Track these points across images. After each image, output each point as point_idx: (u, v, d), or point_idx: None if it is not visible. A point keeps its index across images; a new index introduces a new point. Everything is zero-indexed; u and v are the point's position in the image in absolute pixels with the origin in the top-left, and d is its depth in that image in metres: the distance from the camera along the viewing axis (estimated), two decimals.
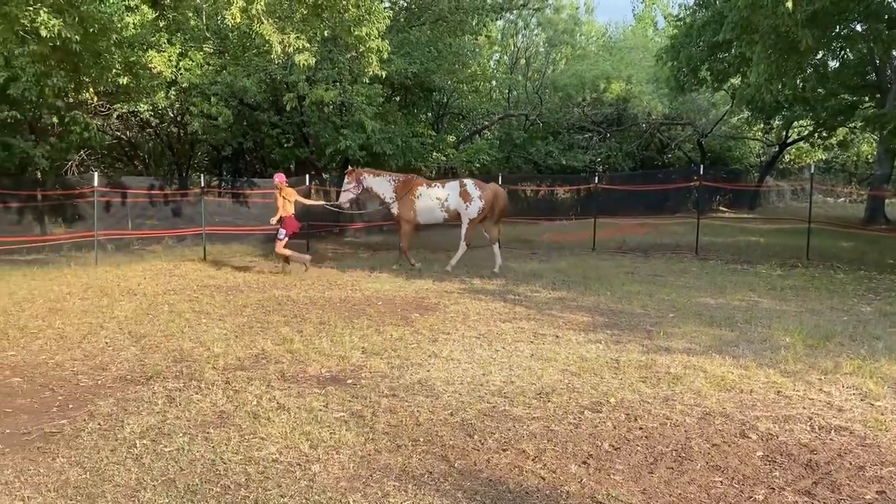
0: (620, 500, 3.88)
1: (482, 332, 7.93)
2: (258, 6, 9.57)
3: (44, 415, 5.27)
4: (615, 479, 4.14)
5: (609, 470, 4.27)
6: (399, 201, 13.32)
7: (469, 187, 13.47)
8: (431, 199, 13.35)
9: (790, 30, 11.09)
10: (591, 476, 4.17)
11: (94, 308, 9.24)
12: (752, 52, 13.00)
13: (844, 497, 3.92)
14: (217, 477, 4.12)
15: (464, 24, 20.99)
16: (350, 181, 13.49)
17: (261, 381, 5.97)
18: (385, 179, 13.58)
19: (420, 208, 13.33)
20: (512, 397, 5.61)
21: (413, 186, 13.43)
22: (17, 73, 15.41)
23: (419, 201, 13.30)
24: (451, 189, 13.44)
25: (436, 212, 13.46)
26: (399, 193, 13.34)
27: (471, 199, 13.39)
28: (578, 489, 4.00)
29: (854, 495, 3.94)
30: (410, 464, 4.34)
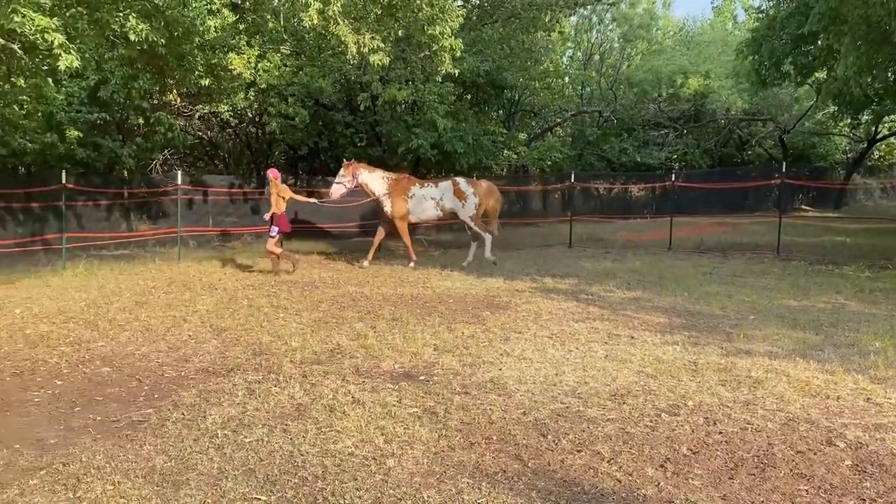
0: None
1: (554, 331, 7.86)
2: (335, 7, 9.72)
3: (131, 404, 5.50)
4: (694, 483, 4.04)
5: (687, 474, 4.16)
6: (392, 199, 13.62)
7: (462, 186, 13.96)
8: (426, 199, 13.79)
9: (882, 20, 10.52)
10: (669, 480, 4.08)
11: (178, 302, 9.59)
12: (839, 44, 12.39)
13: None
14: (295, 468, 4.22)
15: (536, 21, 20.79)
16: (346, 174, 13.53)
17: (336, 376, 6.08)
18: (379, 176, 13.81)
19: (413, 207, 13.76)
20: (586, 398, 5.54)
21: (406, 186, 13.79)
22: (107, 76, 16.18)
23: (412, 200, 13.72)
24: (445, 189, 13.89)
25: (430, 210, 13.91)
26: (392, 192, 13.65)
27: (466, 198, 13.88)
28: (655, 493, 3.91)
29: None
30: (484, 462, 4.34)
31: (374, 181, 13.70)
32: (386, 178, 13.82)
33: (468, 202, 13.87)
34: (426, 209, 13.83)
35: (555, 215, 24.29)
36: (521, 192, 25.58)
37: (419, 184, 14.06)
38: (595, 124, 29.25)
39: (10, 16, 7.19)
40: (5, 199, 14.51)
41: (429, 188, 13.91)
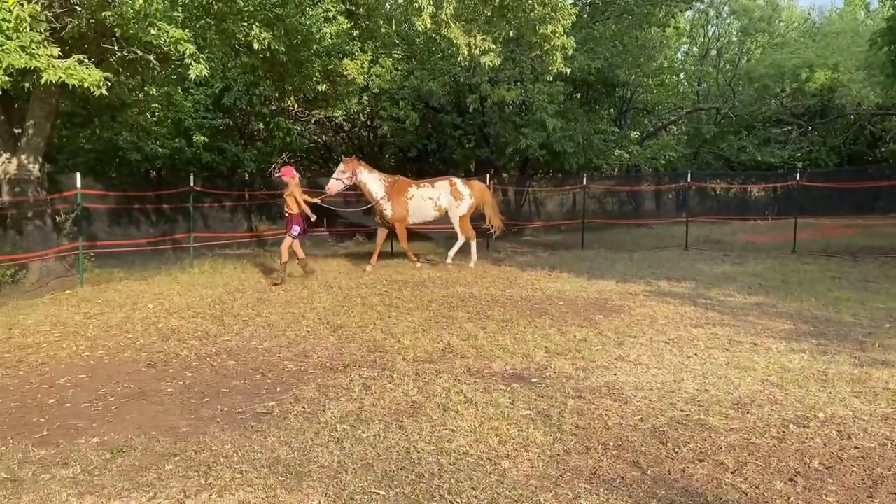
0: None
1: (672, 336, 7.60)
2: (447, 11, 9.82)
3: (255, 396, 5.75)
4: (828, 500, 3.79)
5: (820, 490, 3.91)
6: (392, 202, 13.29)
7: (459, 186, 13.82)
8: (424, 200, 13.50)
9: None
10: (800, 495, 3.85)
11: (296, 299, 9.97)
12: None
13: None
14: (411, 465, 4.28)
15: (650, 17, 20.26)
16: (346, 170, 13.08)
17: (448, 375, 6.13)
18: (377, 178, 13.42)
19: (413, 209, 13.48)
20: (707, 406, 5.31)
21: (403, 187, 13.47)
22: (231, 84, 17.08)
23: (412, 202, 13.44)
24: (443, 189, 13.67)
25: (429, 212, 13.63)
26: (390, 194, 13.28)
27: (462, 198, 13.72)
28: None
29: None
30: (601, 467, 4.25)
31: (373, 182, 13.33)
32: (383, 179, 13.47)
33: (463, 202, 13.72)
34: (425, 210, 13.57)
35: (669, 216, 23.57)
36: (634, 192, 24.96)
37: (415, 185, 13.76)
38: (712, 121, 28.13)
39: (147, 29, 7.71)
40: (139, 201, 15.55)
41: (426, 188, 13.65)
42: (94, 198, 13.29)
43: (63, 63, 7.27)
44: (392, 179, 13.60)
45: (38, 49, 7.07)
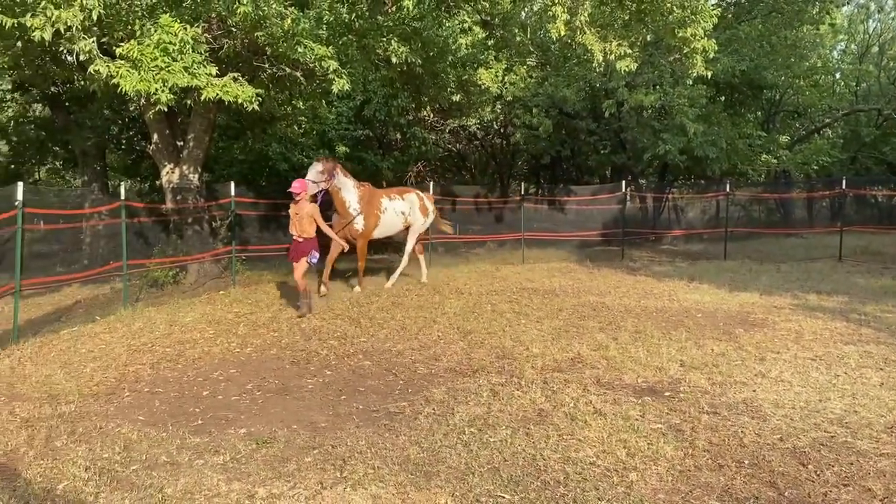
0: None
1: (819, 353, 7.13)
2: (581, 18, 9.75)
3: (388, 396, 5.97)
4: None
5: None
6: (364, 214, 11.42)
7: (426, 201, 12.73)
8: (396, 214, 12.03)
9: None
10: None
11: (428, 304, 10.22)
12: None
13: None
14: (537, 472, 4.30)
15: (802, 14, 19.06)
16: (323, 171, 10.57)
17: (577, 385, 6.08)
18: (353, 185, 11.33)
19: (384, 224, 11.81)
20: (855, 429, 4.96)
21: (376, 199, 11.73)
22: (370, 96, 17.77)
23: (384, 216, 11.77)
24: (413, 202, 12.37)
25: (397, 227, 12.20)
26: (363, 205, 11.39)
27: (427, 214, 12.60)
28: None
29: None
30: (734, 485, 4.08)
31: (348, 189, 11.18)
32: (357, 188, 11.41)
33: (427, 219, 12.61)
34: (394, 226, 12.11)
35: (822, 225, 22.04)
36: (783, 199, 23.55)
37: (386, 195, 12.07)
38: (873, 124, 26.01)
39: (294, 47, 8.23)
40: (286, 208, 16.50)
41: (397, 201, 12.08)
42: (245, 205, 14.26)
43: (220, 81, 7.91)
44: (363, 188, 11.60)
45: (198, 69, 7.74)
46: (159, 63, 7.32)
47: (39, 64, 9.58)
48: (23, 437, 5.00)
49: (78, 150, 14.48)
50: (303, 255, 9.39)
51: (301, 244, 9.39)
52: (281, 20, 7.91)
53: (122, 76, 7.06)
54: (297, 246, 9.47)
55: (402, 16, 11.33)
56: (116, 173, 18.51)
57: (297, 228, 9.38)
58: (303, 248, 9.40)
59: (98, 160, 15.07)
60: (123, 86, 7.04)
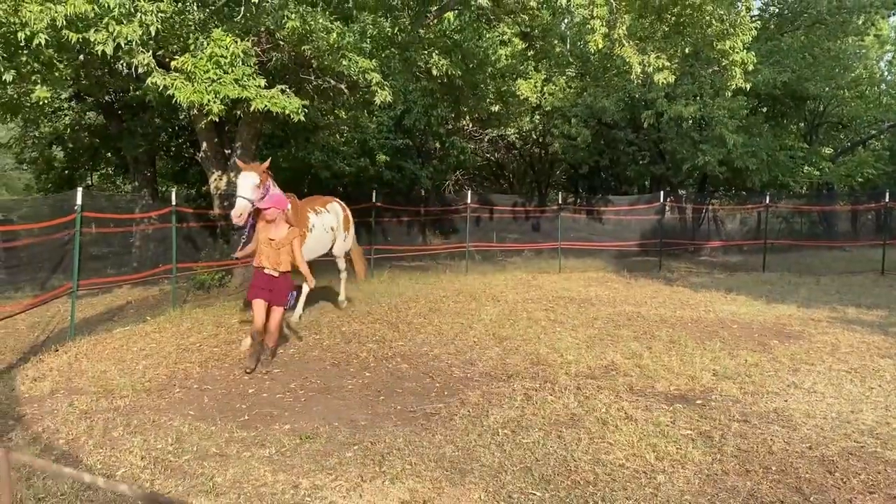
0: None
1: (854, 366, 7.14)
2: (620, 30, 9.89)
3: (425, 398, 6.18)
4: None
5: None
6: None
7: (348, 212, 10.60)
8: (325, 232, 9.79)
9: None
10: None
11: (465, 310, 10.43)
12: None
13: None
14: (568, 472, 4.47)
15: (846, 25, 18.88)
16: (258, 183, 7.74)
17: (610, 391, 6.22)
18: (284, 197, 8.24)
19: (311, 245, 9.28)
20: (886, 439, 5.02)
21: (304, 214, 9.30)
22: (410, 106, 18.11)
23: (311, 236, 9.36)
24: (338, 214, 10.20)
25: (326, 246, 9.96)
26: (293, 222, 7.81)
27: (349, 229, 10.56)
28: None
29: None
30: (760, 490, 4.20)
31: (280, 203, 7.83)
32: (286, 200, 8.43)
33: (350, 233, 10.58)
34: (323, 245, 9.88)
35: (866, 238, 21.69)
36: (825, 211, 23.23)
37: (311, 210, 9.64)
38: None
39: (339, 60, 8.54)
40: None
41: (324, 215, 9.83)
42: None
43: (268, 93, 8.25)
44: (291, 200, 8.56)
45: (248, 81, 8.09)
46: (211, 75, 7.69)
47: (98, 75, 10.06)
48: (82, 427, 5.33)
49: (129, 156, 15.06)
50: (282, 298, 7.03)
51: (277, 280, 7.01)
52: (327, 34, 8.23)
53: (176, 88, 7.44)
54: (270, 283, 7.02)
55: (443, 28, 11.60)
56: (165, 179, 19.13)
57: (271, 259, 7.02)
58: (281, 286, 7.01)
59: (148, 167, 15.64)
60: (178, 97, 7.42)
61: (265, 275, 7.03)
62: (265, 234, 7.10)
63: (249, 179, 7.52)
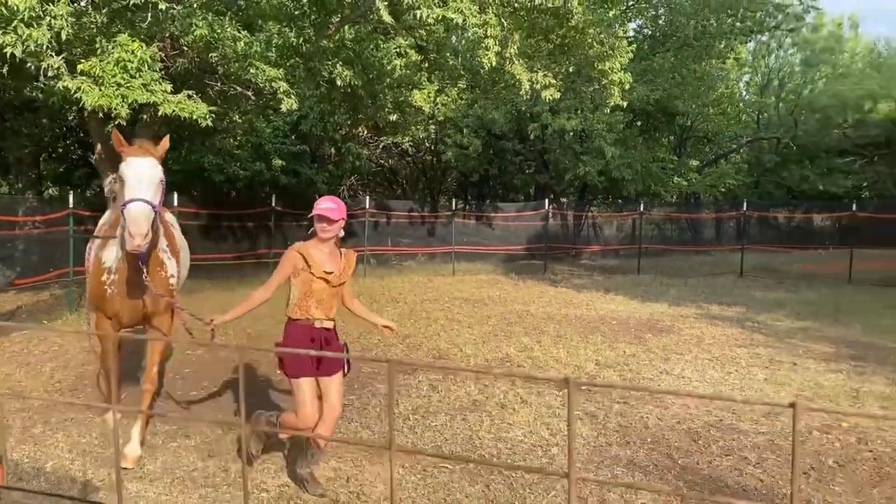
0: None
1: (716, 355, 8.15)
2: (511, 50, 10.64)
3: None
4: (834, 489, 4.37)
5: (829, 482, 4.49)
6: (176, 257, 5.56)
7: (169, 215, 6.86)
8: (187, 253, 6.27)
9: None
10: (811, 485, 4.44)
11: None
12: None
13: None
14: (474, 448, 5.04)
15: (710, 49, 20.76)
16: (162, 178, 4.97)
17: (506, 380, 6.86)
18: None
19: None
20: (740, 414, 5.91)
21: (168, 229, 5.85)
22: (307, 112, 18.29)
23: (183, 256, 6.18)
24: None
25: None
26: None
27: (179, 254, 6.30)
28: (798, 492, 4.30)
29: None
30: (637, 457, 4.92)
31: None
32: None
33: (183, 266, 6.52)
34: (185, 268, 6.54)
35: (727, 244, 23.76)
36: (692, 219, 25.25)
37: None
38: (774, 151, 28.20)
39: (247, 68, 8.78)
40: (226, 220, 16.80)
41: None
42: (187, 215, 14.53)
43: (175, 97, 8.38)
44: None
45: (155, 86, 8.18)
46: (118, 80, 7.75)
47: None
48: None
49: (12, 157, 14.44)
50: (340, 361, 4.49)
51: (331, 336, 4.45)
52: (234, 42, 8.46)
53: (84, 91, 7.46)
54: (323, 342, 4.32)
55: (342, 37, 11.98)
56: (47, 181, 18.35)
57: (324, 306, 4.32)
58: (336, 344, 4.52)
59: (33, 168, 15.04)
60: (86, 101, 7.43)
61: (315, 330, 4.28)
62: (318, 264, 4.26)
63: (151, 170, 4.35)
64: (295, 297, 4.25)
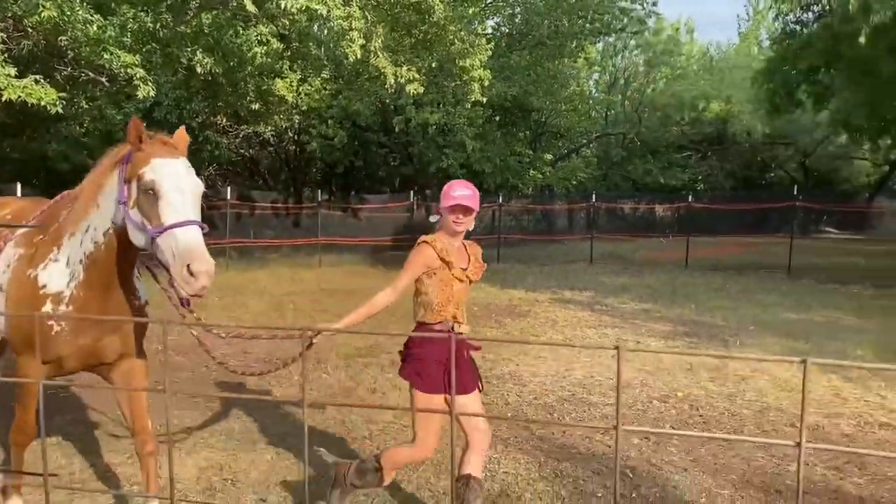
0: (672, 464, 4.70)
1: (568, 335, 8.79)
2: (376, 43, 10.83)
3: (207, 387, 6.54)
4: (670, 450, 4.96)
5: (666, 444, 5.08)
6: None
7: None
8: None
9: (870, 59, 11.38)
10: (650, 447, 5.01)
11: (231, 305, 10.69)
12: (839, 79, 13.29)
13: (869, 473, 4.59)
14: (346, 431, 5.23)
15: (563, 48, 21.89)
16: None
17: (376, 366, 7.09)
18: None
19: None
20: (590, 388, 6.47)
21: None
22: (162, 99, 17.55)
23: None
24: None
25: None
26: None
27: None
28: (638, 455, 4.85)
29: (876, 472, 4.60)
30: (499, 431, 5.30)
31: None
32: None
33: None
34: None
35: (579, 233, 25.19)
36: (546, 210, 26.52)
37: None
38: (620, 146, 30.16)
39: (100, 53, 8.40)
40: None
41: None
42: None
43: (20, 82, 7.88)
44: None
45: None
46: None
47: None
48: None
49: None
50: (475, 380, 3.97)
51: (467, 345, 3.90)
52: (86, 26, 8.08)
53: None
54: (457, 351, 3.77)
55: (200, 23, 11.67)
56: None
57: (460, 311, 3.82)
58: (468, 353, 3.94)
59: None
60: None
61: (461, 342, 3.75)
62: (456, 262, 3.73)
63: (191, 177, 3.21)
64: (431, 301, 3.68)
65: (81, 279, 3.33)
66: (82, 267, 3.31)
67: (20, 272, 3.40)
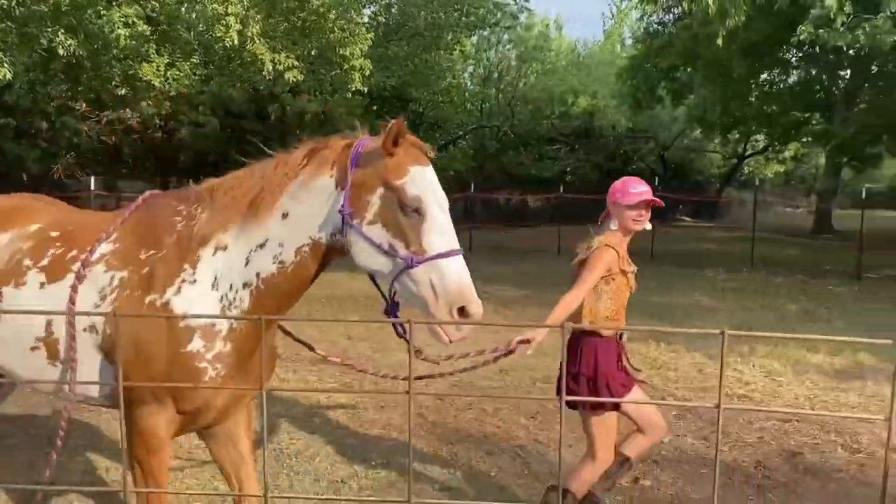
0: (556, 441, 4.99)
1: None
2: (253, 29, 10.57)
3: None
4: (555, 427, 5.25)
5: (552, 422, 5.38)
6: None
7: None
8: None
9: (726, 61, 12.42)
10: (537, 426, 5.29)
11: None
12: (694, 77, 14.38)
13: (732, 441, 5.08)
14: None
15: (439, 40, 22.17)
16: None
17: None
18: None
19: None
20: (477, 373, 6.70)
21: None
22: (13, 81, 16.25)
23: None
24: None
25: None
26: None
27: None
28: (525, 434, 5.12)
29: (738, 438, 5.10)
30: (393, 420, 5.42)
31: None
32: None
33: None
34: None
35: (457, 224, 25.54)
36: None
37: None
38: (495, 138, 30.91)
39: None
40: None
41: None
42: None
43: None
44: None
45: None
46: None
47: None
48: None
49: None
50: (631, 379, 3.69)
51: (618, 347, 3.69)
52: None
53: None
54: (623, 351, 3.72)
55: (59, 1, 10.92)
56: None
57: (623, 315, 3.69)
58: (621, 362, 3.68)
59: None
60: None
61: (621, 346, 3.69)
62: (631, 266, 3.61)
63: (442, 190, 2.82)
64: (605, 308, 3.54)
65: (247, 308, 2.66)
66: (248, 292, 2.66)
67: (134, 300, 2.58)
